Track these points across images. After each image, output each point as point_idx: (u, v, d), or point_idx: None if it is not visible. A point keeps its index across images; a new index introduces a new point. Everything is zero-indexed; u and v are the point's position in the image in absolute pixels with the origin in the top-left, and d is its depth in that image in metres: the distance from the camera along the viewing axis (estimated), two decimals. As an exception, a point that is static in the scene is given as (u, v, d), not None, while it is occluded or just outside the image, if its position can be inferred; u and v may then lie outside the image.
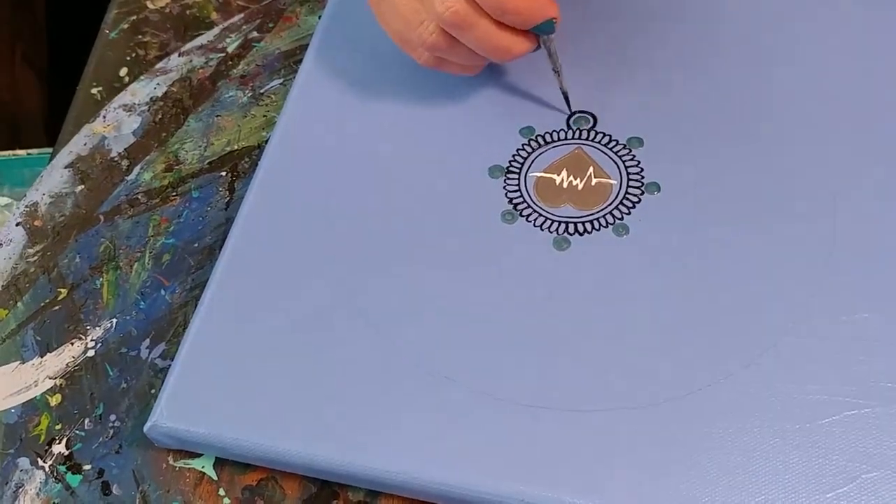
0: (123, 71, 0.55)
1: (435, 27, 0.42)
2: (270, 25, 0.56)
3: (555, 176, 0.45)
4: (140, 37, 0.56)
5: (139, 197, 0.50)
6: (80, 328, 0.45)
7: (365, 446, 0.39)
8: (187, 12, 0.57)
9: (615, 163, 0.45)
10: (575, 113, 0.47)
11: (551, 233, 0.44)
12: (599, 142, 0.46)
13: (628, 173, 0.45)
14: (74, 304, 0.46)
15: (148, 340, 0.45)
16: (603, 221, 0.44)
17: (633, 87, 0.48)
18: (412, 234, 0.44)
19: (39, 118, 0.89)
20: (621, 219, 0.44)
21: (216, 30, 0.56)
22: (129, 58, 0.56)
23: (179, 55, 0.55)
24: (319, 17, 0.54)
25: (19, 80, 0.88)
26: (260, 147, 0.51)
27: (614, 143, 0.46)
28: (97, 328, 0.45)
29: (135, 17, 0.57)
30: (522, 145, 0.47)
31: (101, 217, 0.49)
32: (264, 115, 0.52)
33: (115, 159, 0.51)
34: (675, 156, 0.45)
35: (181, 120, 0.53)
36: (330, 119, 0.49)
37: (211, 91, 0.54)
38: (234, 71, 0.54)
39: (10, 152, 0.78)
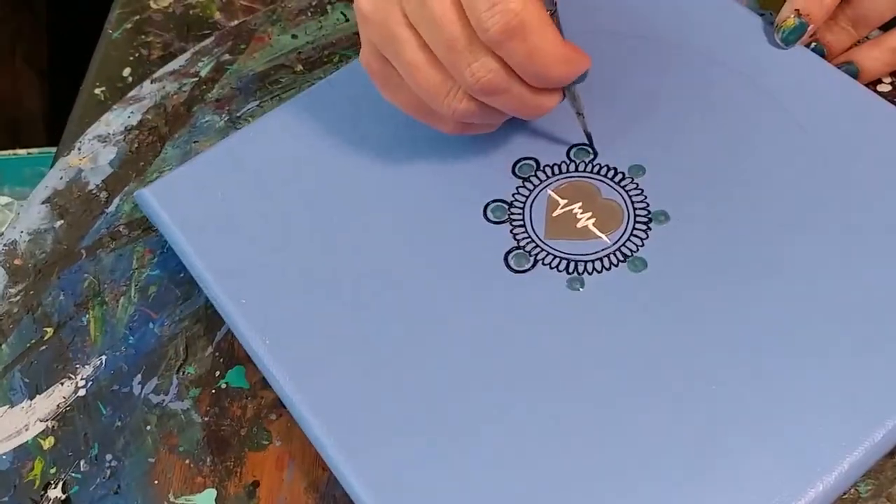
0: (127, 71, 0.56)
1: (463, 95, 0.39)
2: (242, 47, 0.56)
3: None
4: (143, 36, 0.57)
5: (121, 229, 0.49)
6: (69, 367, 0.44)
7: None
8: (191, 12, 0.58)
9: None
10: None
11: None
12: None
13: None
14: (62, 342, 0.45)
15: (140, 376, 0.44)
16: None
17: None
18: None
19: (40, 118, 0.90)
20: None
21: (188, 54, 0.56)
22: (132, 57, 0.57)
23: (152, 82, 0.54)
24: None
25: (20, 80, 0.89)
26: (240, 171, 0.50)
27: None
28: (87, 366, 0.44)
29: (138, 17, 0.58)
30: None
31: (83, 252, 0.48)
32: (243, 139, 0.52)
33: (94, 192, 0.50)
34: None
35: (158, 148, 0.52)
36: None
37: (186, 117, 0.53)
38: (209, 95, 0.54)
39: (11, 152, 0.78)
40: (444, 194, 0.45)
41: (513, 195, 0.44)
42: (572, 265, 0.42)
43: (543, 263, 0.42)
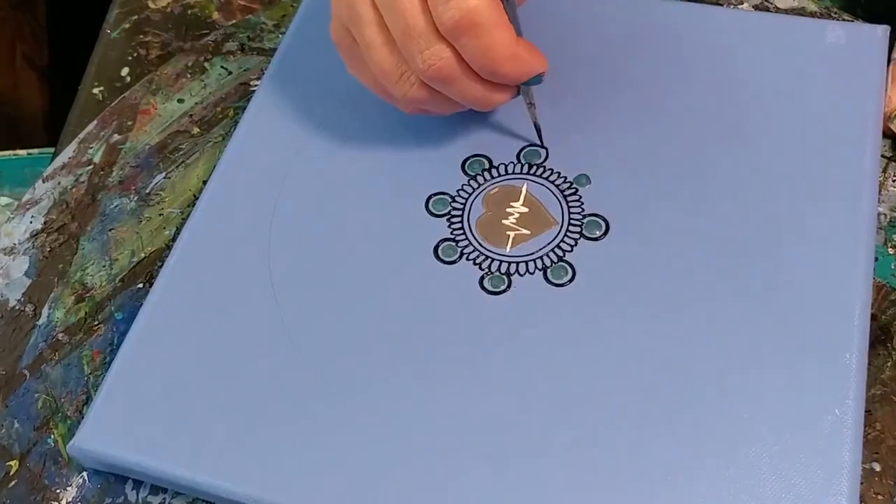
0: (125, 71, 0.55)
1: (416, 80, 0.40)
2: (129, 123, 0.53)
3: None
4: (141, 36, 0.56)
5: (59, 338, 0.45)
6: (49, 495, 0.41)
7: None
8: (189, 12, 0.57)
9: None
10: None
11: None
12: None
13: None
14: (32, 472, 0.41)
15: (130, 482, 0.41)
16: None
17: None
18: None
19: (40, 118, 0.89)
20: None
21: (73, 144, 0.52)
22: (130, 57, 0.56)
23: (44, 181, 0.51)
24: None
25: (20, 80, 0.88)
26: (168, 247, 0.48)
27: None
28: (69, 488, 0.41)
29: (136, 17, 0.57)
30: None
31: (26, 372, 0.44)
32: (160, 214, 0.49)
33: (17, 307, 0.46)
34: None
35: (73, 246, 0.48)
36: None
37: (93, 207, 0.50)
38: (110, 179, 0.51)
39: (11, 152, 0.78)
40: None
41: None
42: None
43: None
